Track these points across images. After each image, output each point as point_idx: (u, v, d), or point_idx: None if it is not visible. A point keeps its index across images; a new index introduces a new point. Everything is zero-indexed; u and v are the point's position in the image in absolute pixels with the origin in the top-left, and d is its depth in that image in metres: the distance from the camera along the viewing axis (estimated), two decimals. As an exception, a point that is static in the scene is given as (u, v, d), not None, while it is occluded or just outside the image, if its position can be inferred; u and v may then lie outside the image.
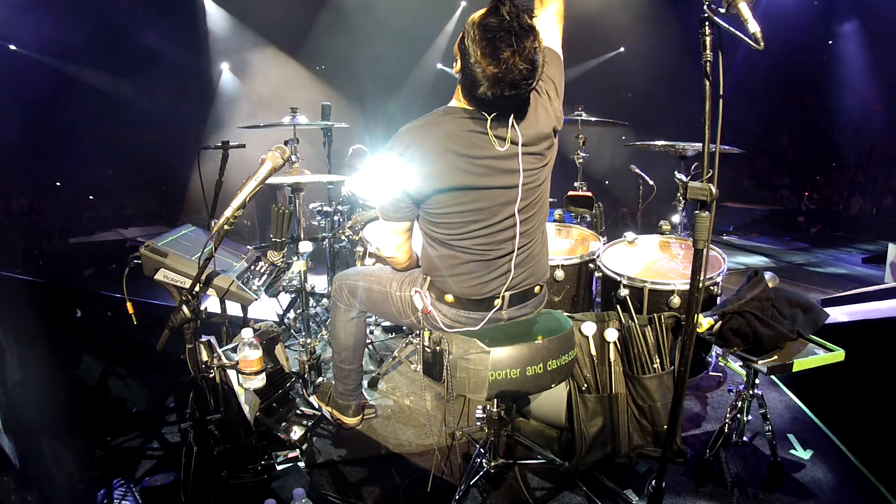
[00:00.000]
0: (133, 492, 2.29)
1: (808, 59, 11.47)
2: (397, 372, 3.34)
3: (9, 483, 1.92)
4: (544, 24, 1.98)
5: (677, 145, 3.40)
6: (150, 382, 3.05)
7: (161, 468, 2.42)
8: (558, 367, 2.04)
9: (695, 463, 2.42)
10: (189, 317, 1.91)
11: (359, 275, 2.39)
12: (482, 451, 2.32)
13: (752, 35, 1.45)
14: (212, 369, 2.04)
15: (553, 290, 3.06)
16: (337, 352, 2.57)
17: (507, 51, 1.64)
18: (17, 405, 2.34)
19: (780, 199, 12.02)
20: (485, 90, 1.70)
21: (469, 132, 1.81)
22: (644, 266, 3.11)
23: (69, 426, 2.55)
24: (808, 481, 2.39)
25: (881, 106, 11.01)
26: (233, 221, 1.94)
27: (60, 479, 2.29)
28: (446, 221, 1.90)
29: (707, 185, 1.61)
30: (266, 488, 2.22)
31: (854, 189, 11.11)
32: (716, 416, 2.90)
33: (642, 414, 2.50)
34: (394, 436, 2.73)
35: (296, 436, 2.43)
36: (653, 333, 2.54)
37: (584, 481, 2.36)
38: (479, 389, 1.96)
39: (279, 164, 2.04)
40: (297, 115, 3.70)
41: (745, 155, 5.32)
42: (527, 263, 2.02)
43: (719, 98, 1.58)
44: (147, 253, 2.21)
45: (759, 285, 2.33)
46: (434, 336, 2.04)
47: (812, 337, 2.35)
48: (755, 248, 9.15)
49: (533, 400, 2.66)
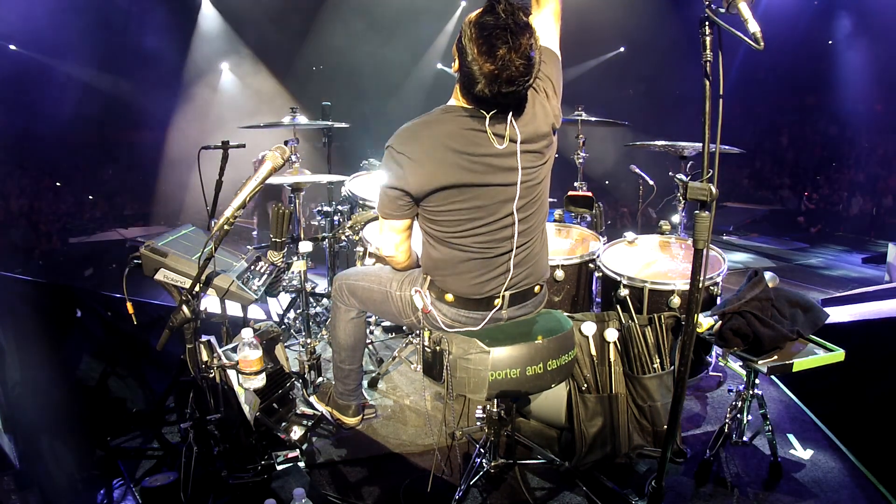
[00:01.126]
0: (133, 492, 2.29)
1: (808, 59, 11.48)
2: (397, 372, 3.34)
3: (9, 483, 1.92)
4: (542, 24, 1.99)
5: (677, 145, 3.40)
6: (150, 382, 3.05)
7: (161, 468, 2.42)
8: (558, 367, 2.04)
9: (695, 463, 2.42)
10: (189, 317, 1.91)
11: (359, 275, 2.40)
12: (482, 451, 2.32)
13: (752, 35, 1.45)
14: (212, 369, 2.05)
15: (553, 290, 3.06)
16: (337, 352, 2.57)
17: (504, 48, 1.66)
18: (17, 405, 2.34)
19: (780, 199, 12.02)
20: (482, 87, 1.71)
21: (468, 130, 1.82)
22: (644, 266, 3.11)
23: (69, 426, 2.55)
24: (808, 481, 2.39)
25: (881, 106, 11.01)
26: (233, 221, 1.94)
27: (60, 479, 2.29)
28: (445, 219, 1.90)
29: (707, 185, 1.61)
30: (266, 488, 2.21)
31: (854, 189, 11.11)
32: (716, 416, 2.90)
33: (642, 414, 2.50)
34: (394, 436, 2.73)
35: (296, 436, 2.43)
36: (653, 333, 2.54)
37: (584, 481, 2.36)
38: (479, 389, 1.96)
39: (279, 164, 2.04)
40: (296, 115, 3.71)
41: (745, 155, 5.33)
42: (526, 263, 2.02)
43: (719, 98, 1.58)
44: (147, 253, 2.20)
45: (759, 285, 2.33)
46: (434, 336, 2.04)
47: (812, 337, 2.35)
48: (755, 248, 9.15)
49: (533, 400, 2.66)
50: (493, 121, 1.81)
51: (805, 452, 2.58)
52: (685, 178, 1.72)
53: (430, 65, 11.73)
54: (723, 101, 1.58)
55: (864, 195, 10.89)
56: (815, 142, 12.60)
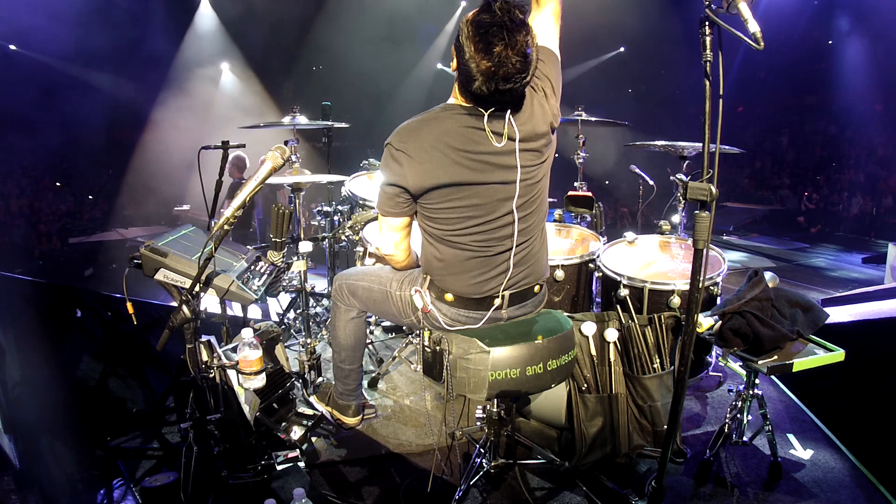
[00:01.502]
0: (133, 492, 2.29)
1: (808, 59, 11.49)
2: (397, 372, 3.34)
3: (9, 483, 1.92)
4: (541, 24, 1.99)
5: (677, 145, 3.40)
6: (150, 382, 3.05)
7: (161, 468, 2.42)
8: (558, 367, 2.04)
9: (695, 463, 2.42)
10: (189, 317, 1.91)
11: (359, 274, 2.40)
12: (482, 451, 2.32)
13: (752, 35, 1.45)
14: (212, 369, 2.05)
15: (553, 290, 3.06)
16: (337, 352, 2.57)
17: (500, 45, 1.67)
18: (17, 405, 2.34)
19: (780, 199, 12.03)
20: (479, 85, 1.72)
21: (467, 128, 1.82)
22: (644, 266, 3.11)
23: (69, 426, 2.55)
24: (808, 481, 2.39)
25: (881, 106, 11.01)
26: (233, 221, 1.94)
27: (60, 479, 2.29)
28: (444, 217, 1.90)
29: (707, 185, 1.61)
30: (266, 488, 2.22)
31: (854, 189, 11.12)
32: (716, 416, 2.89)
33: (642, 414, 2.50)
34: (394, 436, 2.73)
35: (296, 436, 2.43)
36: (653, 333, 2.54)
37: (584, 481, 2.36)
38: (479, 389, 1.96)
39: (279, 164, 2.04)
40: (297, 115, 3.70)
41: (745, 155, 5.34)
42: (526, 262, 2.02)
43: (719, 98, 1.58)
44: (147, 253, 2.20)
45: (759, 285, 2.33)
46: (434, 336, 2.05)
47: (812, 337, 2.35)
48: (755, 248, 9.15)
49: (533, 400, 2.66)
50: (491, 119, 1.82)
51: (805, 452, 2.58)
52: (685, 178, 1.72)
53: (430, 65, 11.74)
54: (722, 101, 1.58)
55: (864, 195, 10.90)
56: (815, 142, 12.61)
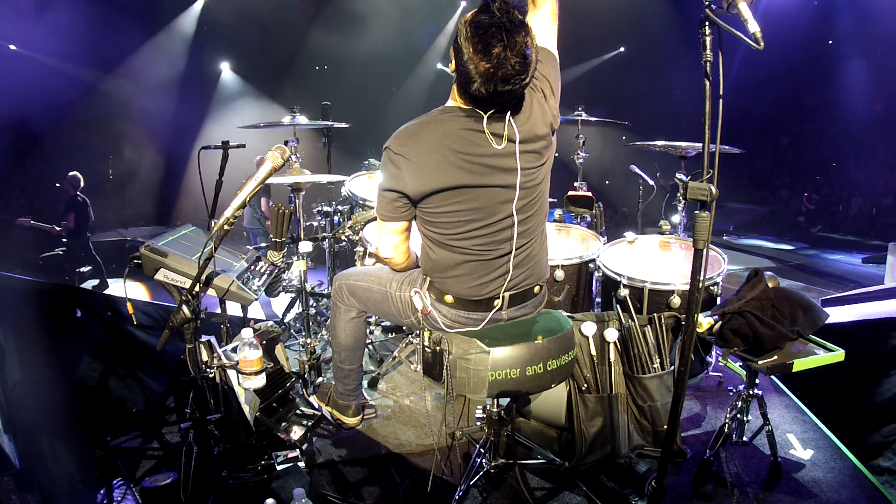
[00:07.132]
0: (133, 492, 2.29)
1: (807, 59, 11.48)
2: (397, 372, 3.34)
3: (9, 483, 1.92)
4: (538, 25, 1.99)
5: (677, 145, 3.40)
6: (150, 382, 3.05)
7: (161, 468, 2.42)
8: (558, 367, 2.04)
9: (695, 463, 2.42)
10: (189, 317, 1.91)
11: (359, 275, 2.39)
12: (482, 451, 2.32)
13: (752, 35, 1.45)
14: (212, 369, 2.05)
15: (553, 290, 3.06)
16: (337, 352, 2.57)
17: (499, 46, 1.65)
18: (17, 405, 2.34)
19: (780, 199, 12.03)
20: (478, 86, 1.71)
21: (466, 130, 1.81)
22: (644, 266, 3.11)
23: (69, 426, 2.55)
24: (808, 481, 2.39)
25: (881, 106, 11.01)
26: (233, 221, 1.94)
27: (60, 479, 2.29)
28: (444, 221, 1.89)
29: (707, 185, 1.61)
30: (266, 488, 2.22)
31: (854, 189, 11.12)
32: (716, 416, 2.90)
33: (642, 414, 2.50)
34: (394, 436, 2.73)
35: (296, 436, 2.43)
36: (653, 333, 2.54)
37: (584, 481, 2.36)
38: (479, 389, 1.96)
39: (279, 164, 2.04)
40: (297, 115, 3.70)
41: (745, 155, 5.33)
42: (526, 263, 2.02)
43: (719, 98, 1.58)
44: (147, 253, 2.20)
45: (759, 285, 2.33)
46: (434, 336, 2.04)
47: (812, 337, 2.35)
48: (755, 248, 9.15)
49: (533, 400, 2.66)
50: (490, 120, 1.81)
51: (805, 452, 2.58)
52: (685, 178, 1.71)
53: (430, 65, 11.73)
54: (722, 101, 1.58)
55: (864, 195, 10.90)
56: (815, 142, 12.61)
